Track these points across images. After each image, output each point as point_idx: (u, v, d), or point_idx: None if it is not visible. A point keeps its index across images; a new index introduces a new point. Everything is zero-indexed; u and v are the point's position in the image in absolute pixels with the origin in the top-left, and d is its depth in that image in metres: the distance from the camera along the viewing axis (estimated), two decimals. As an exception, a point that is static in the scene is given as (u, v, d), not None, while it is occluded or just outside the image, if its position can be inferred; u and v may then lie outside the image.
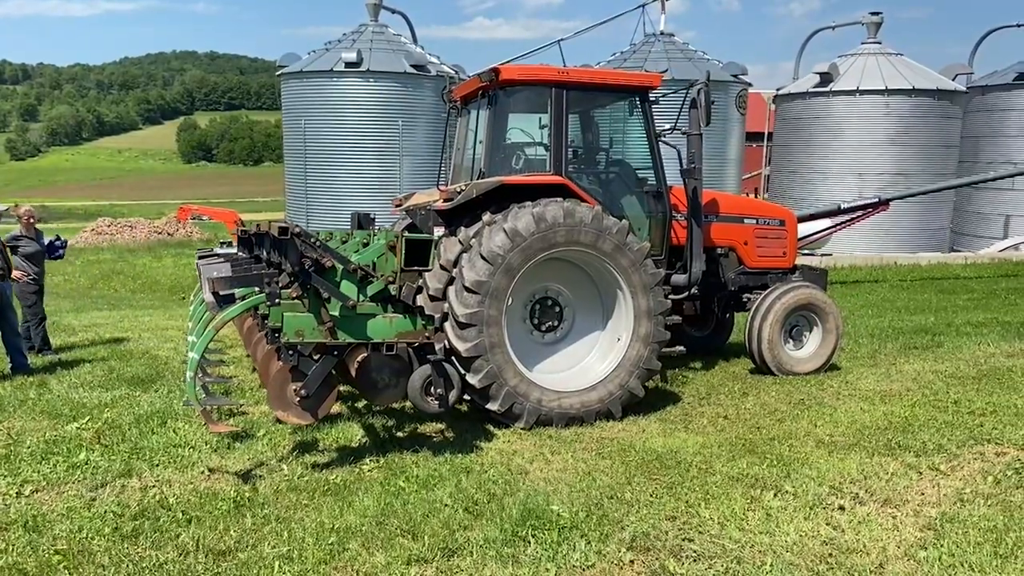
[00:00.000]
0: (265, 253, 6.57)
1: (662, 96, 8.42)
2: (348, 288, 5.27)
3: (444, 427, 6.56)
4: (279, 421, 6.53)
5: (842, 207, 14.14)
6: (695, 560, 4.21)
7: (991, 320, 12.37)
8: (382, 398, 5.65)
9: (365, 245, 5.48)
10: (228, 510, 4.81)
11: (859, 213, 16.91)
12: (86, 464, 5.58)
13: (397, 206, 8.84)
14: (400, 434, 6.43)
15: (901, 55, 26.40)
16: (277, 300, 5.14)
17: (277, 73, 24.86)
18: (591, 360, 7.02)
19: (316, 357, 5.49)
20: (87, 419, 6.63)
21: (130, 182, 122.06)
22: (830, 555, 4.26)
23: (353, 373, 5.60)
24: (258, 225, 7.32)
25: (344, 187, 23.32)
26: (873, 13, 27.15)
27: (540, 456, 5.87)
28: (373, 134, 23.09)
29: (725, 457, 5.78)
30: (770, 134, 29.32)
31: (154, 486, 5.24)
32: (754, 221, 9.01)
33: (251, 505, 4.89)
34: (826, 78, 25.71)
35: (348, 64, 22.67)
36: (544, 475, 5.47)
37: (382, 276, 5.36)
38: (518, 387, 6.45)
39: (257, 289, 5.44)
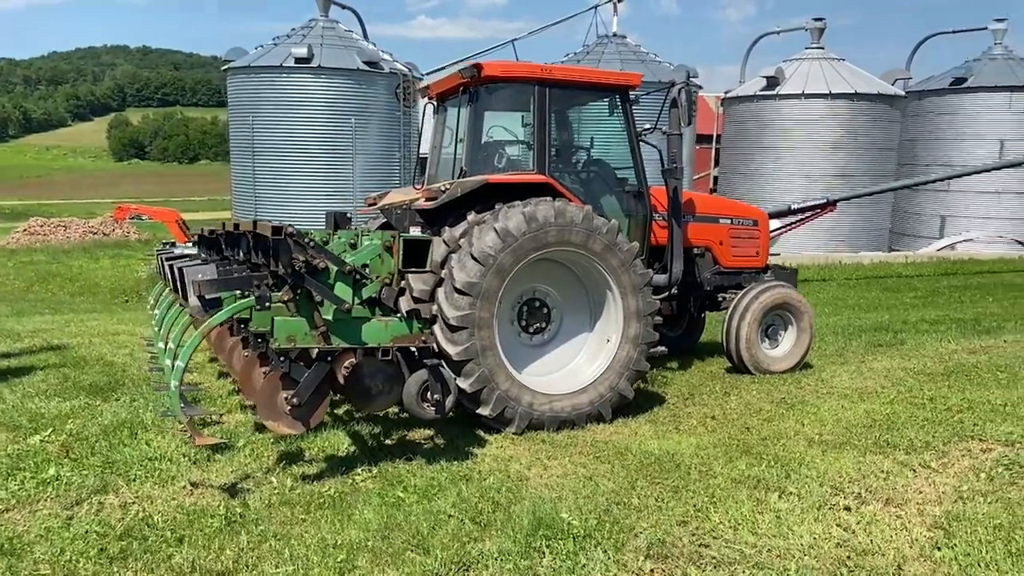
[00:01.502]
0: (242, 254, 6.27)
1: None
2: (342, 290, 5.03)
3: (433, 433, 6.37)
4: (259, 430, 6.26)
5: (792, 208, 14.40)
6: (716, 567, 4.13)
7: (944, 317, 12.72)
8: (374, 405, 5.43)
9: (353, 246, 5.24)
10: (220, 527, 4.54)
11: (808, 214, 17.27)
12: (57, 480, 5.21)
13: (370, 205, 8.59)
14: (389, 441, 6.21)
15: (843, 60, 27.12)
16: (268, 304, 4.88)
17: (223, 68, 24.17)
18: (580, 362, 6.91)
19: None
20: (50, 431, 6.22)
21: (59, 181, 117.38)
22: (848, 557, 4.23)
23: (341, 380, 5.35)
24: (224, 224, 7.00)
25: (295, 186, 22.81)
26: (816, 19, 27.89)
27: (537, 461, 5.73)
28: (325, 132, 22.64)
29: (723, 459, 5.74)
30: (718, 136, 29.77)
31: (134, 503, 4.92)
32: (729, 221, 9.04)
33: (244, 521, 4.62)
34: (772, 82, 26.24)
35: (298, 60, 22.19)
36: (545, 481, 5.33)
37: (377, 278, 5.14)
38: (509, 391, 6.30)
39: (240, 293, 5.18)
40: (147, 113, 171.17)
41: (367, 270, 5.15)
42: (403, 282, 6.40)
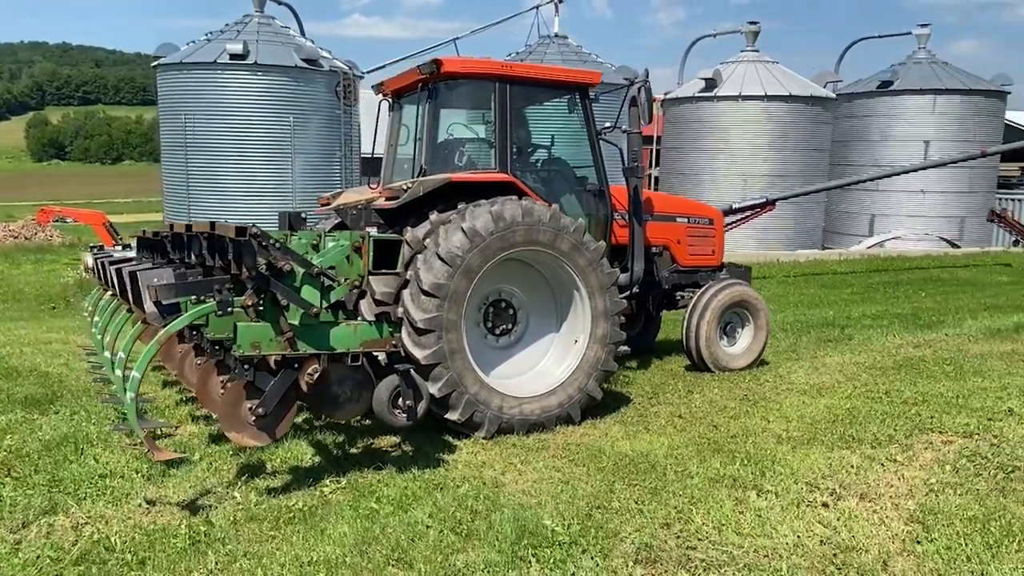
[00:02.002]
0: (194, 257, 5.96)
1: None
2: (310, 294, 4.80)
3: (399, 440, 6.17)
4: (215, 442, 5.96)
5: (733, 207, 14.65)
6: (705, 570, 4.07)
7: (884, 312, 13.08)
8: (342, 413, 5.21)
9: (315, 247, 5.01)
10: (184, 548, 4.27)
11: (749, 213, 17.61)
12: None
13: (324, 205, 8.32)
14: (354, 450, 5.99)
15: (777, 63, 27.74)
16: (230, 309, 4.62)
17: (153, 64, 23.29)
18: (547, 364, 6.81)
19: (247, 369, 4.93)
20: (-13, 449, 5.80)
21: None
22: (834, 555, 4.22)
23: (304, 387, 5.11)
24: (171, 226, 6.65)
25: (231, 186, 22.11)
26: (751, 23, 28.45)
27: (511, 467, 5.60)
28: (262, 131, 22.00)
29: (696, 458, 5.70)
30: (657, 137, 30.11)
31: (87, 523, 4.60)
32: (686, 220, 9.07)
33: (210, 540, 4.36)
34: (710, 83, 26.67)
35: (233, 56, 21.50)
36: (521, 487, 5.20)
37: (346, 280, 4.92)
38: (479, 395, 6.15)
39: (196, 298, 4.91)
40: (67, 112, 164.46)
41: (334, 272, 4.93)
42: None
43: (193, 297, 4.99)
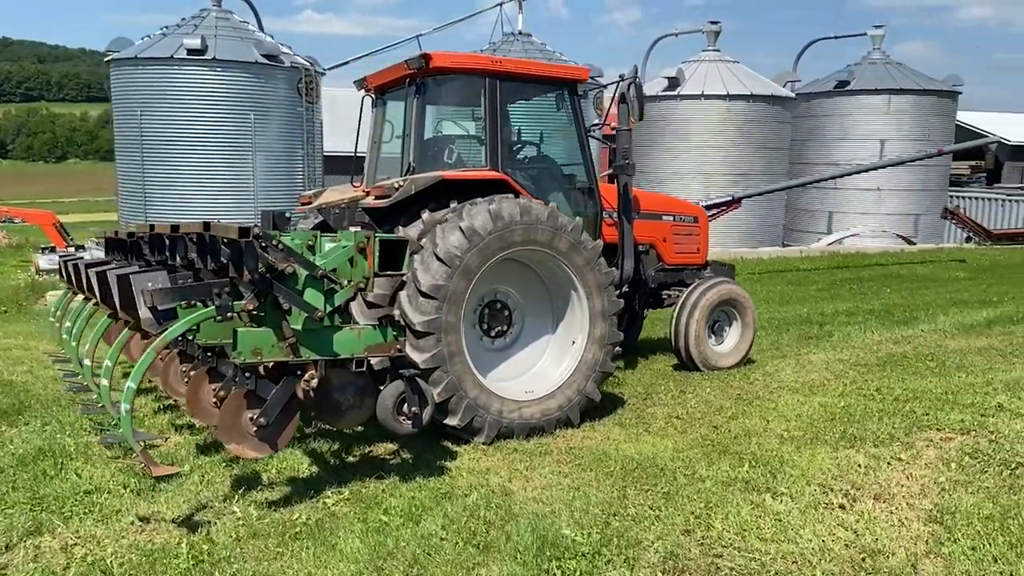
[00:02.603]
0: (179, 259, 5.67)
1: None
2: (313, 297, 4.57)
3: (397, 447, 5.96)
4: (204, 452, 5.69)
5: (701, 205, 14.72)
6: (736, 577, 3.96)
7: (857, 309, 13.22)
8: (345, 421, 4.99)
9: (310, 247, 4.78)
10: (187, 568, 4.02)
11: (716, 211, 17.73)
12: (-24, 523, 4.52)
13: (305, 204, 8.03)
14: (352, 458, 5.76)
15: (738, 63, 28.02)
16: (229, 314, 4.37)
17: (106, 59, 22.52)
18: (544, 365, 6.66)
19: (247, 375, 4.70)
20: (-45, 464, 5.45)
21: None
22: (862, 559, 4.15)
23: (302, 395, 4.87)
24: (153, 226, 6.33)
25: (190, 185, 21.48)
26: (712, 22, 28.69)
27: (516, 473, 5.43)
28: (221, 128, 21.42)
29: (704, 460, 5.61)
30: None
31: (77, 544, 4.31)
32: (671, 218, 9.01)
33: (214, 560, 4.11)
34: (673, 82, 26.82)
35: (191, 51, 20.89)
36: (531, 494, 5.04)
37: (350, 282, 4.70)
38: (478, 399, 5.97)
39: (187, 303, 4.64)
40: (8, 109, 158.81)
41: (335, 274, 4.71)
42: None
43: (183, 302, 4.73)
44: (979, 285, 17.14)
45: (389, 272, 4.75)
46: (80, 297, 7.26)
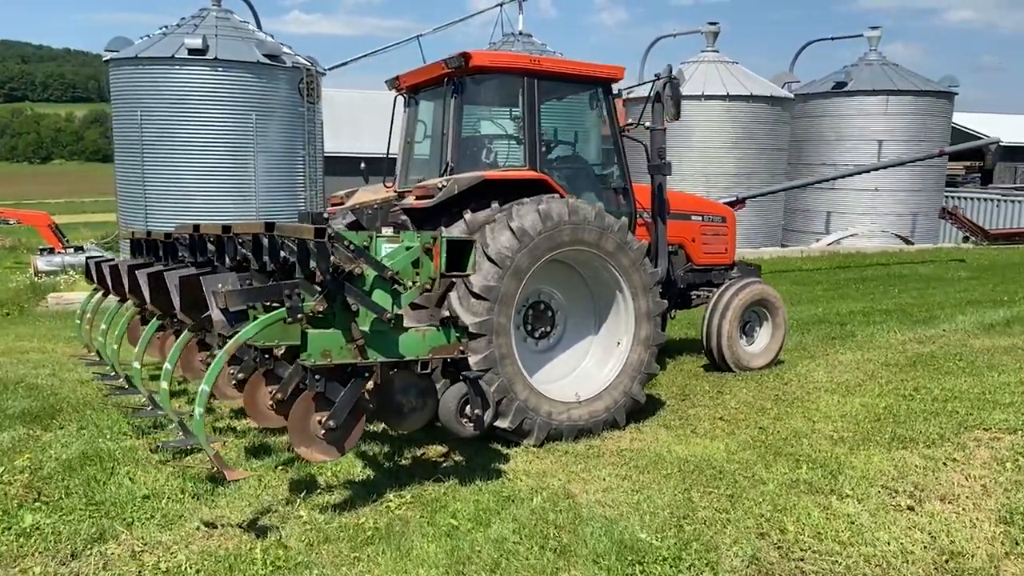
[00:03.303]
0: (228, 260, 5.58)
1: None
2: (382, 298, 4.50)
3: (447, 449, 5.89)
4: (254, 455, 5.60)
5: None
6: (823, 581, 3.93)
7: (871, 309, 13.24)
8: (406, 423, 4.91)
9: (365, 248, 4.70)
10: (267, 575, 3.94)
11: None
12: (37, 530, 4.42)
13: (337, 204, 7.96)
14: (404, 461, 5.69)
15: (737, 63, 28.09)
16: (300, 315, 4.29)
17: (105, 59, 22.29)
18: (588, 367, 6.60)
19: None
20: (1, 470, 5.33)
21: None
22: (945, 561, 4.13)
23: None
24: (197, 227, 6.24)
25: (191, 186, 21.29)
26: (711, 23, 28.74)
27: (574, 475, 5.37)
28: (223, 128, 21.25)
29: (760, 463, 5.58)
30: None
31: (144, 551, 4.23)
32: (700, 218, 8.98)
33: (292, 565, 4.04)
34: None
35: (192, 51, 20.72)
36: (594, 497, 4.99)
37: (414, 284, 4.63)
38: (528, 401, 5.91)
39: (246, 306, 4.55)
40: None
41: (399, 275, 4.64)
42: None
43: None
44: (985, 285, 17.21)
45: (455, 273, 4.68)
46: (109, 298, 7.13)
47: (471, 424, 4.94)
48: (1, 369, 8.69)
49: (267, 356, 5.06)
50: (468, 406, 4.91)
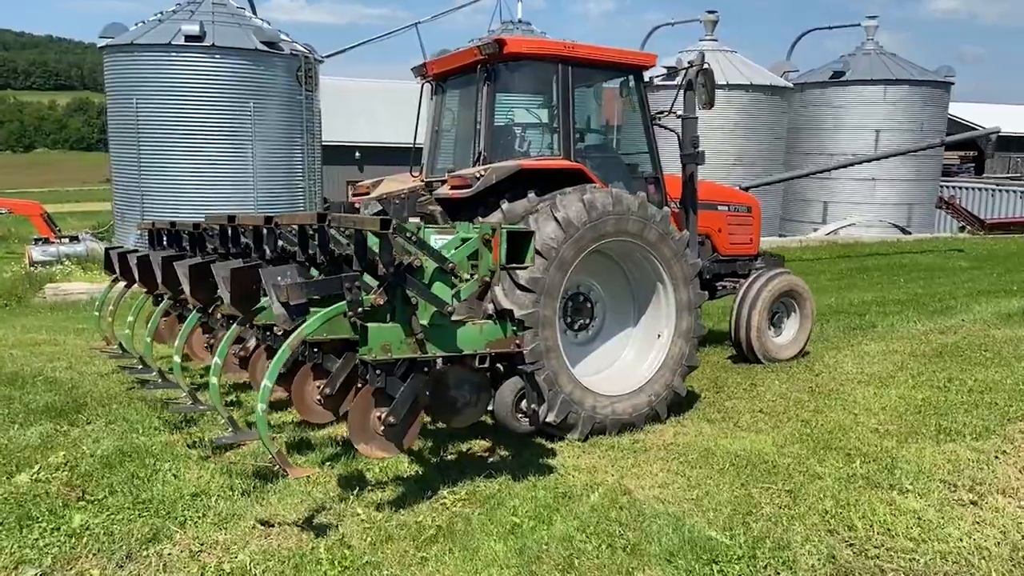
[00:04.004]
0: (268, 251, 5.44)
1: None
2: (441, 291, 4.38)
3: (491, 444, 5.78)
4: (297, 450, 5.48)
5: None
6: (904, 579, 3.86)
7: (883, 299, 13.23)
8: (461, 418, 4.79)
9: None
10: (336, 575, 3.83)
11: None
12: (87, 530, 4.28)
13: (363, 194, 7.79)
14: (450, 456, 5.57)
15: (736, 52, 27.98)
16: (361, 309, 4.16)
17: (100, 46, 21.92)
18: (629, 360, 6.51)
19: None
20: (37, 468, 5.18)
21: None
22: (1023, 557, 4.06)
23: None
24: (233, 217, 6.07)
25: (187, 175, 20.99)
26: (709, 11, 28.57)
27: (626, 472, 5.28)
28: (220, 116, 20.96)
29: (812, 457, 5.50)
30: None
31: (202, 551, 4.10)
32: (727, 208, 8.90)
33: (360, 565, 3.92)
34: (673, 72, 26.66)
35: (189, 37, 20.40)
36: (652, 493, 4.89)
37: (472, 276, 4.51)
38: (573, 394, 5.81)
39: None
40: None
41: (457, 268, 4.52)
42: None
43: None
44: (989, 275, 17.25)
45: (514, 265, 4.56)
46: (145, 292, 6.96)
47: (526, 419, 4.83)
48: (16, 362, 8.51)
49: (315, 350, 4.92)
50: (523, 401, 4.80)
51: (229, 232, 6.04)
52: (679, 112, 7.81)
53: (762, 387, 7.46)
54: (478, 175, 6.28)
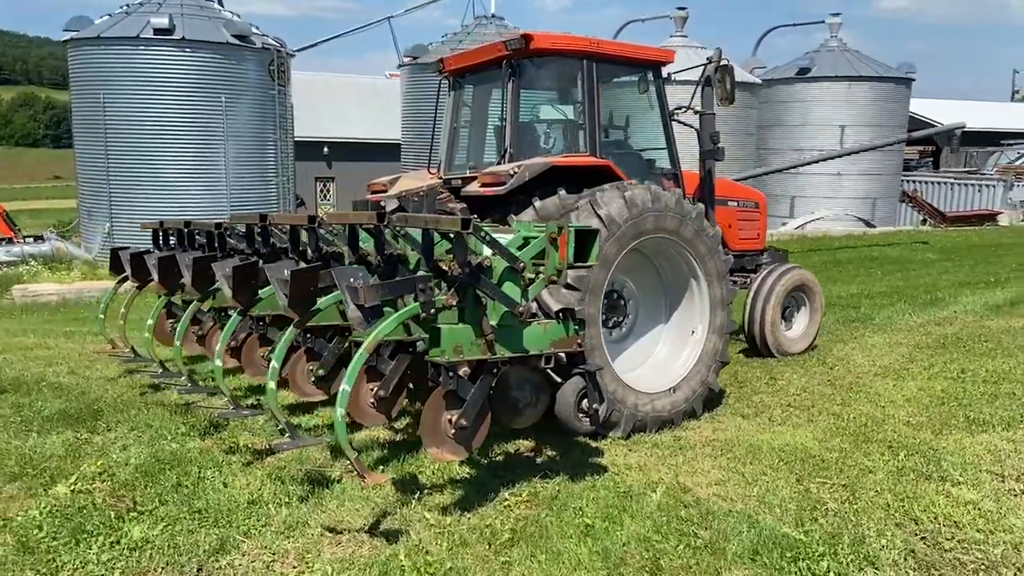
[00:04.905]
0: (310, 252, 5.31)
1: None
2: (511, 290, 4.31)
3: (534, 444, 5.71)
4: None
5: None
6: (986, 571, 3.91)
7: (868, 291, 13.45)
8: (521, 419, 4.72)
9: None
10: (422, 584, 3.74)
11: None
12: (148, 543, 4.12)
13: (379, 191, 7.65)
14: (497, 456, 5.48)
15: (705, 48, 28.22)
16: (433, 310, 4.07)
17: (64, 39, 21.22)
18: (663, 357, 6.50)
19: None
20: (73, 478, 4.98)
21: None
22: (1088, 545, 4.15)
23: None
24: (263, 216, 5.90)
25: (157, 172, 20.44)
26: (680, 8, 28.80)
27: (679, 469, 5.26)
28: (191, 112, 20.45)
29: (856, 451, 5.56)
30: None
31: (275, 561, 3.98)
32: (736, 204, 8.95)
33: (444, 571, 3.84)
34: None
35: (158, 31, 19.86)
36: (712, 491, 4.89)
37: (537, 275, 4.45)
38: (616, 392, 5.77)
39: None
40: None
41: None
42: None
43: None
44: (961, 266, 17.67)
45: (579, 264, 4.51)
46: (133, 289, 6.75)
47: (587, 419, 4.78)
48: (13, 368, 8.18)
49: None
50: (585, 400, 4.75)
51: (257, 232, 5.88)
52: (697, 108, 7.82)
53: (783, 381, 7.53)
54: (511, 172, 6.21)
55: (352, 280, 4.15)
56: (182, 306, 7.16)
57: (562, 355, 4.69)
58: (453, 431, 4.23)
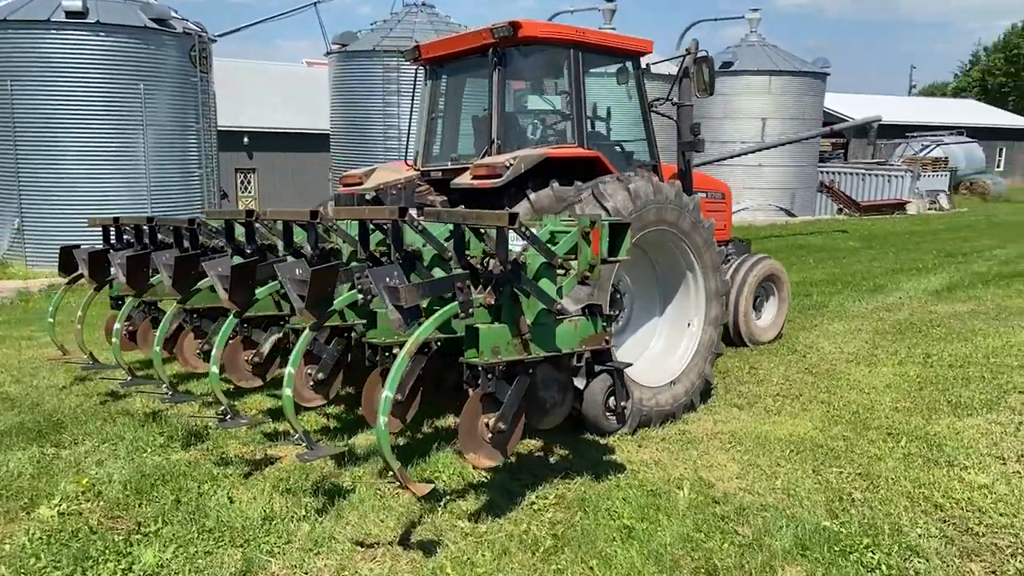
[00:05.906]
0: (307, 248, 5.00)
1: None
2: (548, 287, 4.14)
3: (543, 444, 5.55)
4: (339, 464, 5.09)
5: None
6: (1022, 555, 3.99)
7: (810, 279, 13.82)
8: (548, 419, 4.55)
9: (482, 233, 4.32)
10: (477, 599, 3.55)
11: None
12: (164, 568, 3.78)
13: (353, 184, 7.33)
14: (509, 458, 5.31)
15: (632, 40, 28.50)
16: (471, 310, 3.87)
17: (-36, 21, 19.68)
18: (657, 350, 6.45)
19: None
20: (57, 499, 4.55)
21: None
22: (1105, 524, 4.30)
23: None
24: (265, 212, 5.53)
25: (71, 165, 19.19)
26: (608, 0, 28.97)
27: (696, 464, 5.20)
28: (107, 100, 19.28)
29: (860, 439, 5.63)
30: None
31: (310, 583, 3.71)
32: (704, 195, 8.97)
33: (497, 585, 3.66)
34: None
35: (70, 14, 18.66)
36: (736, 485, 4.85)
37: (569, 271, 4.29)
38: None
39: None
40: None
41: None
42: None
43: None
44: (884, 254, 18.43)
45: (612, 259, 4.37)
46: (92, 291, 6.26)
47: (614, 418, 4.67)
48: (-54, 378, 7.48)
49: (388, 354, 4.56)
50: (612, 399, 4.64)
51: (240, 229, 5.52)
52: (675, 100, 7.79)
53: (762, 370, 7.61)
54: (507, 164, 6.03)
55: (389, 280, 3.90)
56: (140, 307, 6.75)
57: (587, 352, 4.56)
58: (490, 435, 4.04)
